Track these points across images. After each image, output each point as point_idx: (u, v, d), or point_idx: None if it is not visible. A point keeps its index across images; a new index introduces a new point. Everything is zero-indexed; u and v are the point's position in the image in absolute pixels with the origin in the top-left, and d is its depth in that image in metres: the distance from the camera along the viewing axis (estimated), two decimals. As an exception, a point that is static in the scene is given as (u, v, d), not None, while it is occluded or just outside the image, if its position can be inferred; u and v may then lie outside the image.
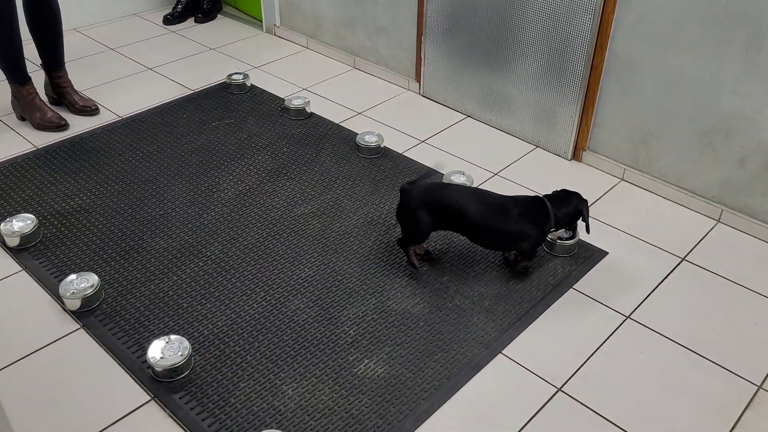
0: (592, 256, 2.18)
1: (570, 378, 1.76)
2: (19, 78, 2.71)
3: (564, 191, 2.04)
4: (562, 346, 1.86)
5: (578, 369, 1.79)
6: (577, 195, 2.03)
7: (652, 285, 2.07)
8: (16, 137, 2.74)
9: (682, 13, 2.18)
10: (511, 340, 1.87)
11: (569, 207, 2.00)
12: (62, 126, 2.77)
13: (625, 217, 2.37)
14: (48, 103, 2.86)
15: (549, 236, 2.10)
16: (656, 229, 2.31)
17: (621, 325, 1.93)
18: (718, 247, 2.24)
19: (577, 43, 2.46)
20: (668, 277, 2.11)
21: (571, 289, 2.05)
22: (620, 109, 2.48)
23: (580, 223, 2.08)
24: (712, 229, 2.32)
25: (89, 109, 2.89)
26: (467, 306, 1.97)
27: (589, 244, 2.22)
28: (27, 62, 2.73)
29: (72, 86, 2.90)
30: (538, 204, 1.98)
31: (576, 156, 2.68)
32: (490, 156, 2.69)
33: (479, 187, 2.50)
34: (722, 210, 2.34)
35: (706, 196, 2.37)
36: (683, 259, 2.18)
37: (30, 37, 2.73)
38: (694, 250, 2.22)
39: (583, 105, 2.56)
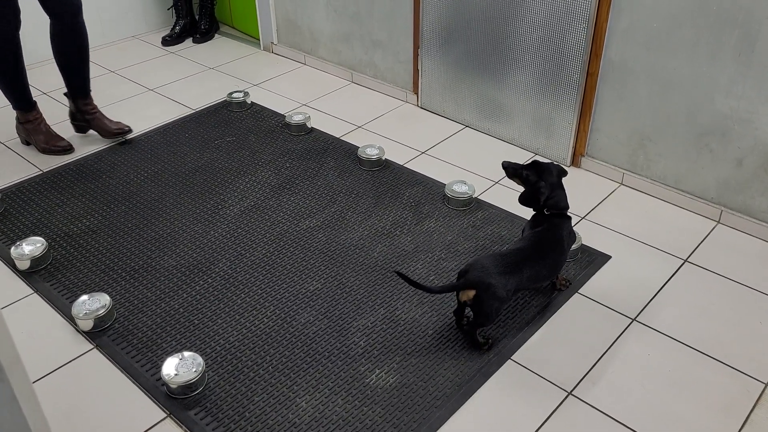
0: (595, 260, 2.21)
1: (580, 381, 1.79)
2: (24, 104, 2.74)
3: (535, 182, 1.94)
4: (571, 350, 1.88)
5: (587, 372, 1.81)
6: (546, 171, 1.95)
7: (656, 287, 2.10)
8: (22, 162, 2.77)
9: (673, 19, 2.23)
10: (520, 346, 1.89)
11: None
12: (68, 149, 2.79)
13: (626, 220, 2.40)
14: (75, 132, 2.88)
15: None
16: (657, 231, 2.34)
17: (628, 327, 1.95)
18: (719, 247, 2.27)
19: (572, 51, 2.51)
20: (672, 278, 2.13)
21: (576, 294, 2.07)
22: (617, 114, 2.52)
23: (582, 229, 2.09)
24: (712, 230, 2.35)
25: (123, 131, 2.86)
26: (475, 313, 1.99)
27: (592, 248, 2.25)
28: (32, 88, 2.77)
29: (100, 111, 2.87)
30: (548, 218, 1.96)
31: (575, 162, 2.72)
32: (490, 165, 2.72)
33: (479, 197, 2.54)
34: (722, 211, 2.37)
35: (705, 198, 2.41)
36: (686, 261, 2.21)
37: (36, 61, 2.77)
38: (696, 251, 2.25)
39: (581, 111, 2.60)
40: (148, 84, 3.42)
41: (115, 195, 2.55)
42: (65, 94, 2.84)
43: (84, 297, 1.97)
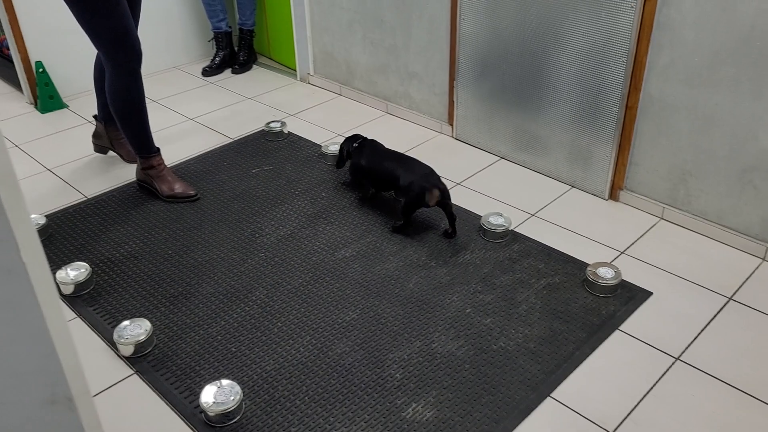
0: (636, 296, 2.17)
1: (622, 422, 1.74)
2: (148, 148, 2.68)
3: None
4: (612, 388, 1.84)
5: (630, 413, 1.77)
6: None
7: (700, 325, 2.05)
8: (67, 187, 2.85)
9: (715, 55, 2.21)
10: (559, 383, 1.86)
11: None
12: (192, 196, 2.70)
13: (667, 256, 2.36)
14: (94, 151, 2.97)
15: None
16: (700, 268, 2.30)
17: (671, 367, 1.91)
18: (765, 285, 2.21)
19: (611, 84, 2.50)
20: (716, 317, 2.08)
21: (617, 330, 2.04)
22: (657, 148, 2.50)
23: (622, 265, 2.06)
24: (757, 267, 2.30)
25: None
26: (512, 348, 1.97)
27: (632, 284, 2.22)
28: (74, 115, 2.85)
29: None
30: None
31: (613, 195, 2.69)
32: (526, 197, 2.71)
33: (515, 230, 2.52)
34: (767, 248, 2.32)
35: (749, 234, 2.36)
36: (730, 299, 2.16)
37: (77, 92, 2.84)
38: (741, 289, 2.20)
39: (619, 145, 2.59)
40: (189, 113, 3.50)
41: (156, 221, 2.60)
42: (95, 116, 2.92)
43: (125, 322, 2.00)
